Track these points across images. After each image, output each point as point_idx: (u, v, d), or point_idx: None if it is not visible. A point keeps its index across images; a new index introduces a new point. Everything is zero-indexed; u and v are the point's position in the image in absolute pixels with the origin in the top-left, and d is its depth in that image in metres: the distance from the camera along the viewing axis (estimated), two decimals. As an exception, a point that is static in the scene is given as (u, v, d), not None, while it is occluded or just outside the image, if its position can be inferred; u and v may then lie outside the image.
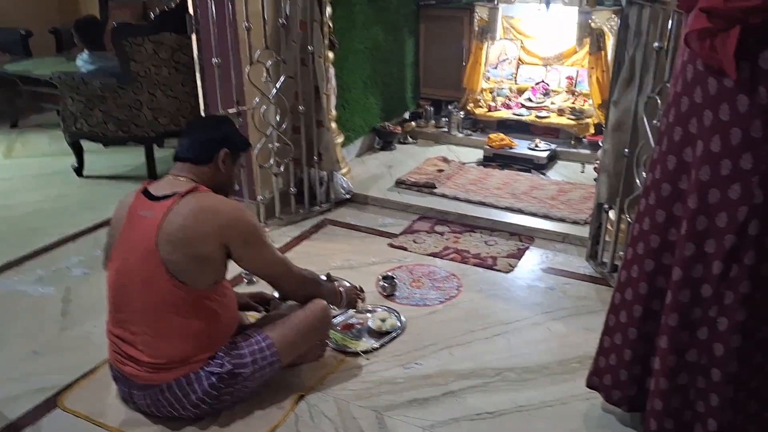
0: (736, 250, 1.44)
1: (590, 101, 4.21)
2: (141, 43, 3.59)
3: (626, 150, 2.53)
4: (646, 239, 1.65)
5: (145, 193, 1.92)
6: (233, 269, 2.30)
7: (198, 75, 2.91)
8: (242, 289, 2.65)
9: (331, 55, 3.43)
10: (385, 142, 4.33)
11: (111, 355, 1.98)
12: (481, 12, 4.42)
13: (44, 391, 2.09)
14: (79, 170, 4.05)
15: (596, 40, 4.05)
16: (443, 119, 4.55)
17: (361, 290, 2.42)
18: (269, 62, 3.03)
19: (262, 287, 2.53)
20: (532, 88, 4.48)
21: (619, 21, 3.42)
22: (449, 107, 4.58)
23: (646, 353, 1.72)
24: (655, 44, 2.30)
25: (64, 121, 3.91)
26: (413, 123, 4.54)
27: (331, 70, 3.46)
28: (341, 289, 2.29)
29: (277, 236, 3.20)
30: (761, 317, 1.49)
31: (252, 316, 2.34)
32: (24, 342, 2.36)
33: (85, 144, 4.04)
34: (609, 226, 2.80)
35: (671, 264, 1.59)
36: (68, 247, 3.11)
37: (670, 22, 2.25)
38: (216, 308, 1.93)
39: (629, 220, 2.55)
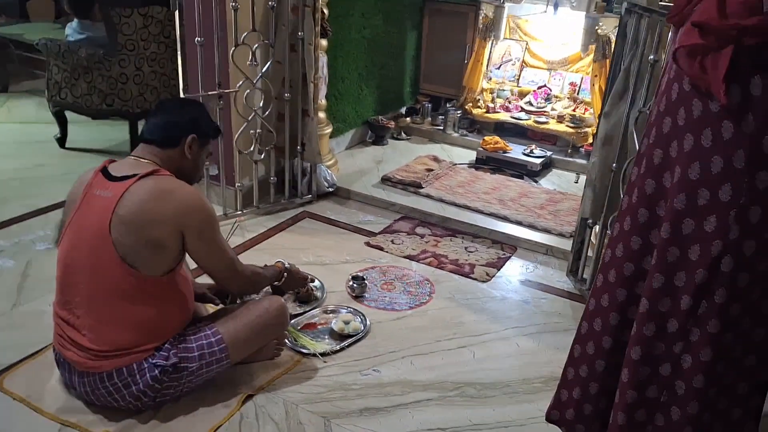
0: (707, 286, 1.34)
1: (591, 110, 4.10)
2: (129, 14, 3.49)
3: (614, 165, 2.43)
4: (619, 267, 1.54)
5: (104, 172, 1.84)
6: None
7: (179, 53, 2.80)
8: (203, 279, 2.55)
9: (324, 42, 3.32)
10: (378, 136, 4.22)
11: (55, 338, 1.90)
12: (486, 9, 4.30)
13: (-16, 369, 2.02)
14: (61, 141, 3.97)
15: (602, 47, 3.93)
16: (440, 117, 4.44)
17: (311, 280, 2.43)
18: (256, 45, 2.93)
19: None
20: (534, 91, 4.36)
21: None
22: (447, 105, 4.47)
23: (612, 387, 1.62)
24: (651, 57, 2.19)
25: (48, 90, 3.82)
26: (408, 119, 4.43)
27: (323, 59, 3.35)
28: (284, 272, 2.22)
29: (253, 225, 3.11)
30: (729, 361, 1.39)
31: (211, 308, 2.25)
32: (-28, 316, 2.28)
33: (72, 115, 3.95)
34: (593, 241, 2.70)
35: (641, 294, 1.49)
36: (37, 220, 3.02)
37: (669, 34, 2.14)
38: (167, 298, 1.86)
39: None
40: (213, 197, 3.13)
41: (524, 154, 3.91)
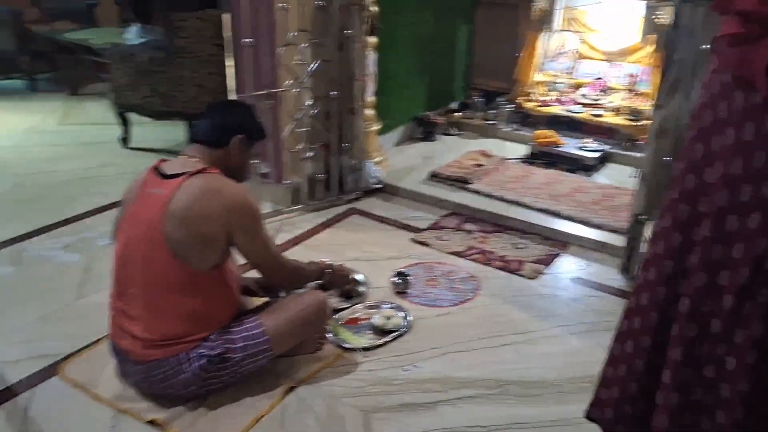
0: (751, 286, 1.28)
1: (651, 102, 3.95)
2: (186, 18, 3.62)
3: (668, 159, 2.34)
4: (660, 264, 1.49)
5: (157, 170, 1.92)
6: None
7: (231, 55, 2.88)
8: (251, 275, 2.63)
9: (372, 40, 3.34)
10: (427, 132, 4.21)
11: (111, 328, 2.00)
12: (540, 1, 4.21)
13: (47, 357, 2.14)
14: (125, 141, 4.16)
15: (663, 36, 3.78)
16: (492, 112, 4.39)
17: (355, 281, 2.45)
18: (305, 45, 2.98)
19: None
20: (590, 84, 4.25)
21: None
22: (499, 99, 4.41)
23: (652, 388, 1.57)
24: (704, 47, 2.09)
25: (113, 92, 4.01)
26: (459, 114, 4.39)
27: (371, 56, 3.37)
28: (328, 270, 2.28)
29: (301, 222, 3.17)
30: None
31: (257, 302, 2.31)
32: (37, 307, 2.42)
33: (135, 116, 4.13)
34: (646, 238, 2.60)
35: (682, 294, 1.43)
36: (100, 217, 3.18)
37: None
38: (214, 291, 1.92)
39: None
40: (264, 195, 3.21)
41: (578, 148, 3.81)
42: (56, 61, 5.84)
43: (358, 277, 2.59)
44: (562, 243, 2.99)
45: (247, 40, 2.81)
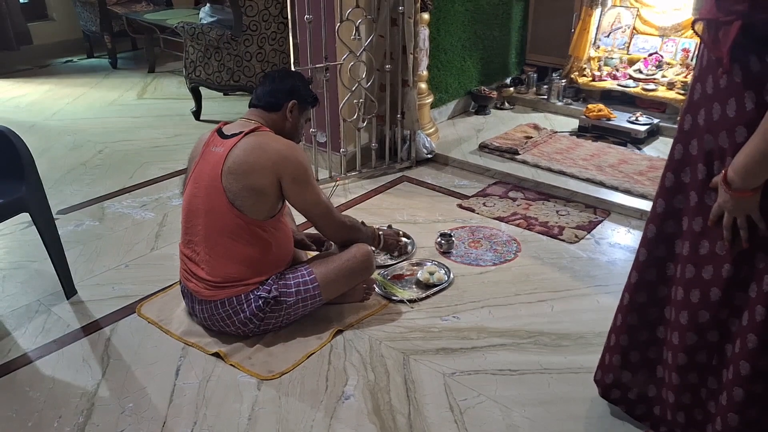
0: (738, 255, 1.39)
1: (707, 76, 3.91)
2: (252, -3, 3.86)
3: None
4: (652, 225, 1.59)
5: (219, 132, 2.16)
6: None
7: (291, 31, 3.09)
8: (311, 231, 2.85)
9: (425, 16, 3.48)
10: (480, 106, 4.32)
11: (181, 272, 2.26)
12: (596, -24, 4.22)
13: (126, 298, 2.44)
14: (197, 114, 4.47)
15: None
16: (545, 87, 4.44)
17: (405, 235, 2.56)
18: (359, 20, 3.15)
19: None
20: (645, 59, 4.23)
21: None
22: (553, 74, 4.45)
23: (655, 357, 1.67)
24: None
25: (185, 68, 4.31)
26: (512, 89, 4.47)
27: (425, 31, 3.51)
28: (380, 232, 2.44)
29: (355, 188, 3.37)
30: None
31: (308, 254, 2.53)
32: (119, 255, 2.74)
33: (205, 91, 4.43)
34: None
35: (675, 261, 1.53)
36: (172, 180, 3.49)
37: None
38: (269, 239, 2.14)
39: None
40: (321, 162, 3.43)
41: (629, 122, 3.83)
42: (135, 40, 6.27)
43: (405, 239, 2.78)
44: (604, 211, 3.07)
45: (307, 16, 3.00)
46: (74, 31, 6.21)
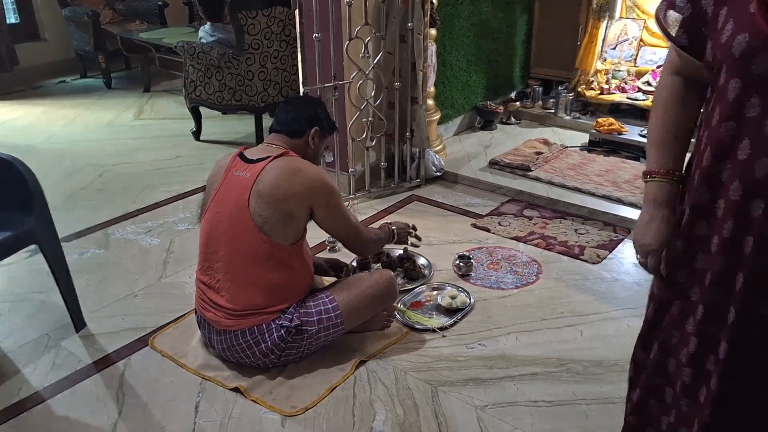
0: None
1: (715, 88, 3.88)
2: (254, 16, 3.79)
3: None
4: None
5: (241, 156, 2.10)
6: (318, 236, 2.43)
7: (299, 49, 3.02)
8: (324, 255, 2.76)
9: (433, 32, 3.43)
10: (486, 121, 4.26)
11: (197, 301, 2.17)
12: (601, -12, 4.19)
13: (138, 330, 2.34)
14: (197, 134, 4.38)
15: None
16: (551, 100, 4.40)
17: (414, 228, 2.53)
18: (368, 38, 3.09)
19: (342, 255, 2.64)
20: (653, 71, 4.20)
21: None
22: (559, 88, 4.41)
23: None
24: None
25: (185, 88, 4.23)
26: (518, 103, 4.42)
27: (432, 47, 3.46)
28: (392, 227, 2.44)
29: (364, 208, 3.29)
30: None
31: (326, 281, 2.45)
32: (128, 285, 2.63)
33: (205, 111, 4.35)
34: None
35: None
36: (177, 204, 3.39)
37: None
38: (293, 265, 2.07)
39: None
40: (329, 182, 3.34)
41: (640, 135, 3.79)
42: (129, 59, 6.17)
43: (421, 261, 2.71)
44: (624, 229, 3.01)
45: (316, 35, 2.93)
46: (66, 51, 6.10)
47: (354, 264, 2.61)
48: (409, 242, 2.55)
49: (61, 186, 3.63)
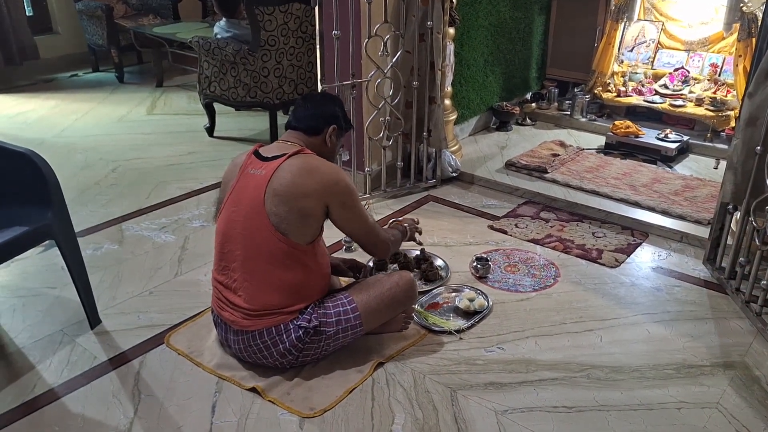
0: None
1: (734, 92, 3.84)
2: (271, 12, 3.76)
3: (758, 147, 2.30)
4: None
5: (256, 154, 2.06)
6: (335, 235, 2.40)
7: (318, 46, 2.99)
8: (341, 255, 2.74)
9: (451, 31, 3.39)
10: (502, 122, 4.23)
11: (213, 300, 2.14)
12: (619, -10, 4.16)
13: (153, 327, 2.32)
14: (210, 130, 4.36)
15: (747, 25, 3.68)
16: (567, 102, 4.36)
17: (417, 222, 2.52)
18: (387, 36, 3.06)
19: (359, 255, 2.62)
20: (670, 74, 4.16)
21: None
22: (575, 90, 4.38)
23: None
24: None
25: (199, 84, 4.21)
26: (533, 104, 4.39)
27: (450, 47, 3.42)
28: (405, 225, 2.43)
29: (380, 208, 3.26)
30: None
31: (343, 281, 2.42)
32: (142, 281, 2.61)
33: (218, 107, 4.33)
34: (732, 228, 2.57)
35: None
36: (191, 200, 3.37)
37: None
38: (310, 265, 2.04)
39: (755, 224, 2.33)
40: (345, 181, 3.32)
41: (658, 139, 3.76)
42: (141, 54, 6.16)
43: (438, 262, 2.68)
44: (642, 233, 2.98)
45: (335, 32, 2.90)
46: (79, 45, 6.10)
47: (371, 264, 2.58)
48: (417, 237, 2.52)
49: (73, 180, 3.62)
